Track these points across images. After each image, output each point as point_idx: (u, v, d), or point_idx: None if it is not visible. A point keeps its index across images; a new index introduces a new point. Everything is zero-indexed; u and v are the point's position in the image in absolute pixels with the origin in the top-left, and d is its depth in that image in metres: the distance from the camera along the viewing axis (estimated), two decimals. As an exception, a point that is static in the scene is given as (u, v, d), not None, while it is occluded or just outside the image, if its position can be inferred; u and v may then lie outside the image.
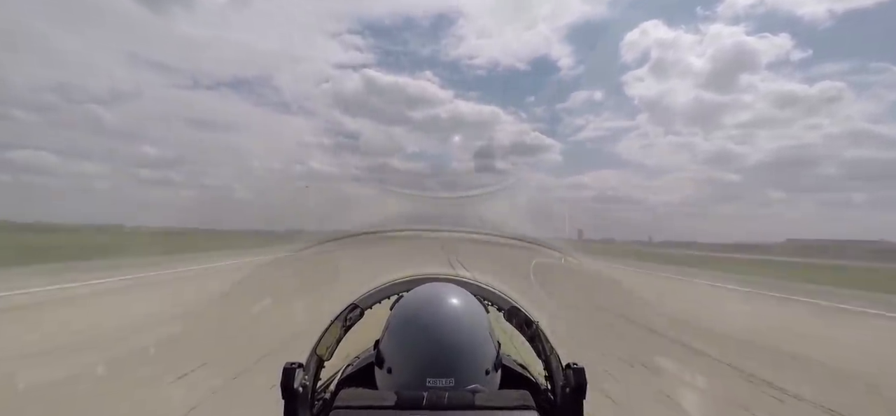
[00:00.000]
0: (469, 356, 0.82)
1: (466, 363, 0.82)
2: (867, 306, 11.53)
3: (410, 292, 0.95)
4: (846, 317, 10.18)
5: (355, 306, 1.17)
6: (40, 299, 8.49)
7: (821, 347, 6.72)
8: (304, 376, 1.06)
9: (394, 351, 0.84)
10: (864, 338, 8.02)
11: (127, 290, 10.28)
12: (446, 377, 0.78)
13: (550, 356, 1.11)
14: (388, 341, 0.87)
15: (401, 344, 0.84)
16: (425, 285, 0.98)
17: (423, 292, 0.93)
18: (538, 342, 1.13)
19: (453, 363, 0.80)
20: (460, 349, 0.82)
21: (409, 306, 0.91)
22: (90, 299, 8.79)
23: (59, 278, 11.28)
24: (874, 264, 37.61)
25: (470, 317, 0.88)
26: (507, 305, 1.17)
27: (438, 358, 0.80)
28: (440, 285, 0.98)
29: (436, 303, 0.88)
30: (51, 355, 5.06)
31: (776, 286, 15.85)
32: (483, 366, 0.83)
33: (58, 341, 5.59)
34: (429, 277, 1.24)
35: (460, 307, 0.88)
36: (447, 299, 0.89)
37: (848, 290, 15.31)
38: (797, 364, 5.83)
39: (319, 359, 1.12)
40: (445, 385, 0.78)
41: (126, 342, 5.66)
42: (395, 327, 0.88)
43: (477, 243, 1.92)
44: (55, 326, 6.50)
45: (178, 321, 7.16)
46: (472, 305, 0.92)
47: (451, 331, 0.83)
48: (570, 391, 0.99)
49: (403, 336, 0.85)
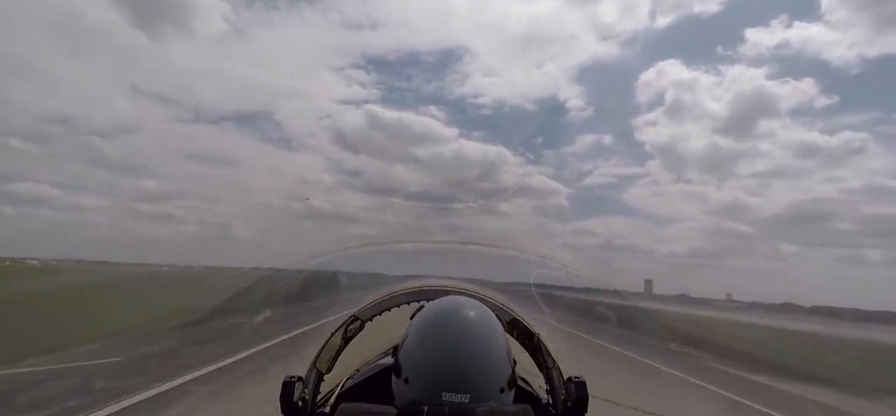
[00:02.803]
0: (486, 373, 0.82)
1: (483, 380, 0.81)
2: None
3: (432, 304, 0.95)
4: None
5: (355, 318, 1.16)
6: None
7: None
8: (304, 389, 1.06)
9: (413, 361, 0.84)
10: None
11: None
12: (462, 393, 0.78)
13: (552, 370, 1.10)
14: (407, 350, 0.86)
15: (420, 355, 0.84)
16: (448, 298, 0.98)
17: (446, 305, 0.93)
18: (540, 355, 1.13)
19: (470, 379, 0.80)
20: (478, 366, 0.82)
21: (430, 317, 0.90)
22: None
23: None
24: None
25: (490, 334, 0.88)
26: (509, 317, 1.17)
27: (456, 373, 0.80)
28: (462, 298, 0.98)
29: (458, 317, 0.88)
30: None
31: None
32: (498, 384, 0.83)
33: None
34: (430, 289, 1.24)
35: (481, 323, 0.88)
36: (469, 314, 0.89)
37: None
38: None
39: (319, 372, 1.12)
40: (460, 401, 0.77)
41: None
42: (416, 338, 0.87)
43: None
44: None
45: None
46: (491, 321, 0.92)
47: (471, 347, 0.83)
48: (571, 405, 0.99)
49: (423, 348, 0.85)
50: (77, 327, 10.42)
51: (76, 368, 6.72)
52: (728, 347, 14.03)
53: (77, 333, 9.31)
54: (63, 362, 6.96)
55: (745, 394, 8.23)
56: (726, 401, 7.85)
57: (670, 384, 8.96)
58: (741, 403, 7.69)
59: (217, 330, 11.06)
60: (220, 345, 9.00)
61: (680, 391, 8.51)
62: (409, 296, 1.23)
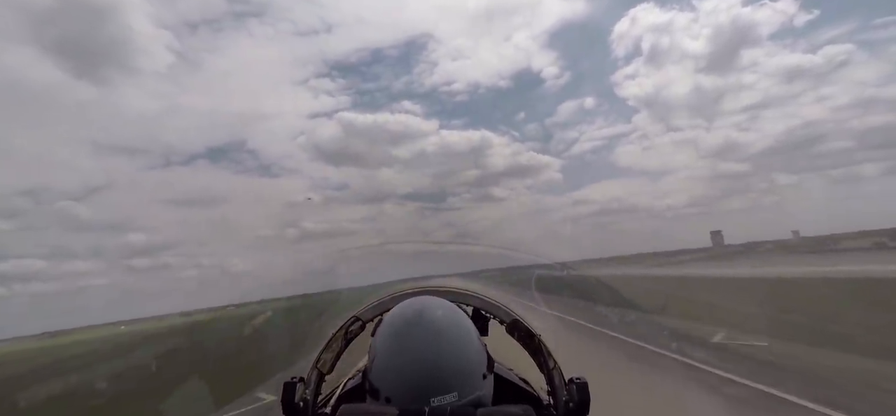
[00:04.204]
0: (466, 365, 0.82)
1: (466, 373, 0.81)
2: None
3: (389, 314, 0.92)
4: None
5: (357, 319, 1.16)
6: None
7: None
8: (305, 390, 1.06)
9: (390, 379, 0.81)
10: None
11: None
12: (450, 393, 0.78)
13: (553, 371, 1.10)
14: (379, 368, 0.83)
15: (397, 371, 0.81)
16: (405, 302, 0.96)
17: (405, 311, 0.90)
18: (540, 356, 1.13)
19: (454, 377, 0.79)
20: (457, 360, 0.81)
21: (394, 327, 0.87)
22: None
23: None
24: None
25: (458, 325, 0.87)
26: (509, 318, 1.16)
27: (439, 376, 0.79)
28: (419, 299, 0.96)
29: (424, 319, 0.86)
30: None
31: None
32: (480, 371, 0.83)
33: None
34: (429, 288, 1.23)
35: (448, 318, 0.87)
36: (433, 313, 0.87)
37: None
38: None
39: (320, 373, 1.12)
40: (450, 401, 0.77)
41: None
42: (385, 353, 0.84)
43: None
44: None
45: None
46: (455, 312, 0.91)
47: (447, 345, 0.82)
48: (573, 406, 0.99)
49: (397, 362, 0.82)
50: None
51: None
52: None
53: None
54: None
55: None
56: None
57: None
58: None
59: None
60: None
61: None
62: (409, 295, 1.23)
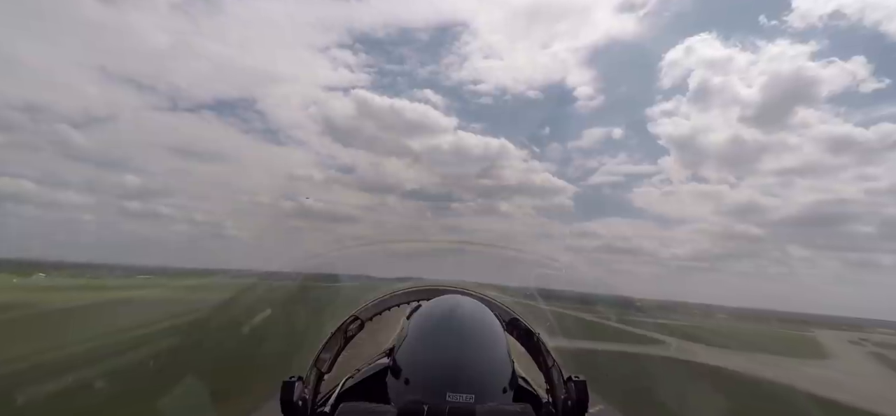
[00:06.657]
0: (490, 373, 0.82)
1: (488, 380, 0.81)
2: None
3: (430, 303, 0.94)
4: None
5: (356, 318, 1.16)
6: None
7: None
8: (304, 389, 1.05)
9: (414, 362, 0.83)
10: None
11: None
12: (467, 394, 0.77)
13: (552, 369, 1.10)
14: (407, 350, 0.85)
15: (422, 355, 0.83)
16: (447, 297, 0.97)
17: (445, 304, 0.92)
18: (540, 355, 1.13)
19: (475, 379, 0.79)
20: (482, 365, 0.81)
21: (430, 316, 0.89)
22: None
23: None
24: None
25: (491, 334, 0.87)
26: (508, 316, 1.17)
27: (460, 373, 0.79)
28: (461, 297, 0.97)
29: (459, 316, 0.87)
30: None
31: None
32: (501, 384, 0.83)
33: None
34: (431, 287, 1.24)
35: (483, 322, 0.88)
36: (470, 313, 0.88)
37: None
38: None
39: (319, 372, 1.11)
40: (466, 402, 0.76)
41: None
42: (416, 337, 0.86)
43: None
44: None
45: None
46: (492, 321, 0.91)
47: (475, 346, 0.83)
48: (571, 405, 0.99)
49: (424, 347, 0.83)
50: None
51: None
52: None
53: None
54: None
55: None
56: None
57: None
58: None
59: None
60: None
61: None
62: (409, 295, 1.23)
